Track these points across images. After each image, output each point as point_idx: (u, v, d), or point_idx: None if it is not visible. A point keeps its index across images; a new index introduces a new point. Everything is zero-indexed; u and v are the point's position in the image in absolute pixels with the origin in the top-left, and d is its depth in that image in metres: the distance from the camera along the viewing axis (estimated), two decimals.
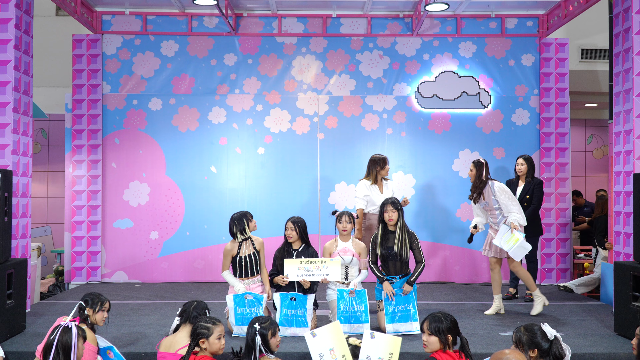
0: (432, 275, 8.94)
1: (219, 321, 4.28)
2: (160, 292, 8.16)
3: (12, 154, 6.36)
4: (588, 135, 12.15)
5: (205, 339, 4.15)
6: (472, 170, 6.71)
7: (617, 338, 5.64)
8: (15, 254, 6.39)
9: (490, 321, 6.31)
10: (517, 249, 6.26)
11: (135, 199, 8.94)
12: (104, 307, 4.69)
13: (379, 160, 6.98)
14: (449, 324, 3.98)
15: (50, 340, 3.78)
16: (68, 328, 3.82)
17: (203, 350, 4.16)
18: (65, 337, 3.75)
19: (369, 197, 6.91)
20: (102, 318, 4.67)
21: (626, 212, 6.53)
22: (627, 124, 6.54)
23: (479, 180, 6.65)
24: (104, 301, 4.70)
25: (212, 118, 9.01)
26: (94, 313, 4.63)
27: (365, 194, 6.92)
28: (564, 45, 9.00)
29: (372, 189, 6.94)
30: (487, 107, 9.03)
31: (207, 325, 4.19)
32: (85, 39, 8.94)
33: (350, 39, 9.09)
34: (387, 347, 4.24)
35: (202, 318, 4.30)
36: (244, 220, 5.96)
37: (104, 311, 4.70)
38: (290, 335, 5.62)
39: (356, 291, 5.74)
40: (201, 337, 4.15)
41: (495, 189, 6.52)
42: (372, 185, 6.95)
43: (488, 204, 6.64)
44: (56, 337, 3.73)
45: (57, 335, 3.74)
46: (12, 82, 6.37)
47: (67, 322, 3.82)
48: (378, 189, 6.94)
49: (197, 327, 4.19)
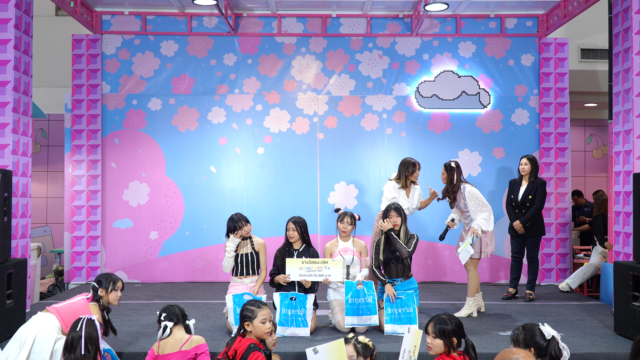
0: (431, 276, 8.94)
1: (265, 304, 4.32)
2: (160, 292, 8.16)
3: (11, 154, 6.36)
4: (588, 135, 12.15)
5: (250, 321, 4.21)
6: (443, 173, 6.70)
7: (616, 338, 5.64)
8: (15, 254, 6.40)
9: (490, 321, 6.31)
10: (463, 252, 6.40)
11: (135, 199, 8.94)
12: (117, 287, 4.73)
13: (409, 164, 6.84)
14: (454, 327, 3.95)
15: (76, 334, 3.91)
16: (91, 320, 3.94)
17: (249, 333, 4.22)
18: (90, 329, 3.91)
19: (395, 200, 6.83)
20: (116, 297, 4.72)
21: (626, 212, 6.53)
22: (626, 124, 6.54)
23: (450, 184, 6.64)
24: (116, 280, 4.75)
25: (211, 118, 9.01)
26: (107, 293, 4.67)
27: (393, 196, 6.80)
28: (563, 45, 9.00)
29: (399, 192, 6.85)
30: (486, 107, 9.03)
31: (251, 308, 4.24)
32: (84, 39, 8.94)
33: (349, 39, 9.09)
34: (413, 341, 4.24)
35: (248, 301, 4.34)
36: (232, 224, 5.96)
37: (117, 290, 4.74)
38: (290, 335, 5.62)
39: (364, 282, 5.76)
40: (246, 320, 4.20)
41: (466, 194, 6.51)
42: (400, 189, 6.86)
43: (459, 207, 6.66)
44: (82, 331, 3.87)
45: (84, 329, 3.88)
46: (12, 82, 6.37)
47: (88, 316, 3.97)
48: (405, 193, 6.87)
49: (243, 310, 4.24)
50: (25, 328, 4.32)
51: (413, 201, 6.87)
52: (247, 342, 4.17)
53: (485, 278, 8.86)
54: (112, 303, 4.72)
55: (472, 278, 6.57)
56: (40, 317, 4.40)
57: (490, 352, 5.07)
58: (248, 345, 4.12)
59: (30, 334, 4.26)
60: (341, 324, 5.76)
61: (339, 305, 5.89)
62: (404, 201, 6.78)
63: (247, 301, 4.39)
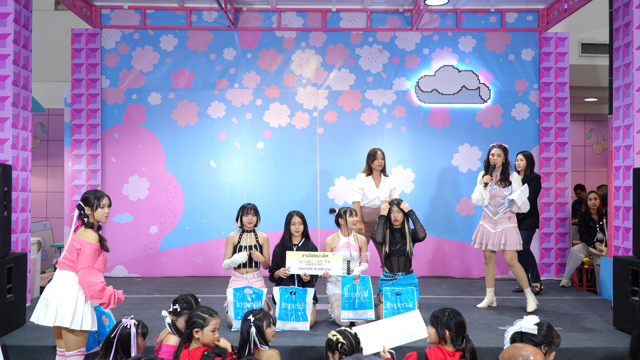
0: (431, 270, 8.95)
1: (217, 313, 4.29)
2: (160, 286, 8.17)
3: (11, 149, 6.36)
4: (588, 130, 12.14)
5: (200, 328, 4.15)
6: (500, 155, 6.50)
7: (616, 332, 5.65)
8: (15, 249, 6.41)
9: (489, 315, 6.32)
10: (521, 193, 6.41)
11: (135, 194, 8.95)
12: (102, 203, 4.47)
13: (370, 153, 7.09)
14: (448, 318, 3.99)
15: (110, 338, 4.05)
16: (127, 327, 4.07)
17: (196, 341, 4.16)
18: (124, 334, 4.05)
19: (363, 190, 6.97)
20: (103, 214, 4.47)
21: (626, 207, 6.53)
22: (627, 119, 6.54)
23: (506, 165, 6.55)
24: (100, 197, 4.49)
25: (211, 112, 9.00)
26: (93, 211, 4.45)
27: (359, 186, 7.02)
28: (564, 40, 8.99)
29: (367, 182, 7.00)
30: (486, 102, 9.02)
31: (204, 315, 4.18)
32: (84, 33, 8.93)
33: (349, 34, 9.08)
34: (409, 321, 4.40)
35: (200, 307, 4.29)
36: (240, 211, 6.00)
37: (104, 207, 4.48)
38: (290, 329, 5.63)
39: (360, 277, 5.78)
40: (196, 326, 4.14)
41: (515, 178, 6.57)
42: (367, 178, 7.01)
43: (497, 190, 6.51)
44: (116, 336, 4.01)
45: (117, 333, 4.02)
46: (11, 77, 6.37)
47: (127, 322, 4.07)
48: (374, 182, 6.97)
49: (194, 316, 4.18)
50: (50, 288, 4.37)
51: (384, 192, 6.94)
52: (199, 351, 4.11)
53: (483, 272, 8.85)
54: (100, 220, 4.51)
55: (520, 270, 6.54)
56: (58, 276, 4.39)
57: (489, 347, 5.09)
58: (202, 353, 4.06)
59: (53, 295, 4.32)
60: (340, 318, 5.77)
61: (338, 300, 5.89)
62: (373, 191, 6.92)
63: (199, 308, 4.28)
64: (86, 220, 4.41)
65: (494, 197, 6.52)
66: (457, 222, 8.97)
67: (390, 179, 7.10)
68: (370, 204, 6.94)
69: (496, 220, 6.53)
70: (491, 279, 6.75)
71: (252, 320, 4.24)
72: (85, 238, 4.29)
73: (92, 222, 4.44)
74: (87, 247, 4.26)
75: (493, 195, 6.52)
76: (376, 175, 7.02)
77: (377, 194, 6.92)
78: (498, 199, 6.50)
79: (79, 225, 4.42)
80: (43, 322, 4.32)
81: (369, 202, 6.95)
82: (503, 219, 6.50)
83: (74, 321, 4.25)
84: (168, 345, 4.42)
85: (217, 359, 4.06)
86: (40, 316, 4.35)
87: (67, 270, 4.35)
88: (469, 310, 6.60)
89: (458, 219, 8.96)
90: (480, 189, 6.51)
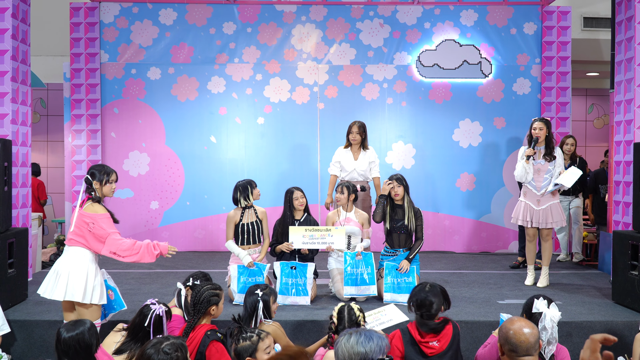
0: (431, 245, 8.98)
1: (221, 288, 4.35)
2: (161, 261, 8.20)
3: (11, 124, 6.34)
4: (589, 105, 12.10)
5: (216, 305, 4.22)
6: (542, 128, 6.34)
7: (614, 306, 5.69)
8: (16, 224, 6.42)
9: (489, 290, 6.36)
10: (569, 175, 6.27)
11: (135, 169, 8.95)
12: (111, 179, 4.63)
13: (349, 126, 6.99)
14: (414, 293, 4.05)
15: (139, 321, 4.05)
16: (159, 314, 4.08)
17: (207, 318, 4.20)
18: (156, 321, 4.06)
19: (340, 164, 6.95)
20: (110, 190, 4.63)
21: (626, 182, 6.54)
22: (628, 93, 6.51)
23: (549, 139, 6.42)
24: (110, 172, 4.64)
25: (211, 88, 8.96)
26: (101, 186, 4.57)
27: (336, 159, 7.02)
28: (566, 14, 8.91)
29: (345, 155, 6.97)
30: (488, 77, 8.97)
31: (216, 292, 4.24)
32: (82, 6, 8.84)
33: (350, 7, 8.99)
34: None
35: (205, 284, 4.31)
36: (249, 188, 5.95)
37: (112, 182, 4.63)
38: (290, 303, 5.67)
39: (362, 254, 5.80)
40: (212, 303, 4.18)
41: (558, 151, 6.46)
42: (346, 151, 6.99)
43: (543, 165, 6.37)
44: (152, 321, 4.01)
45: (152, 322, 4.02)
46: (10, 51, 6.32)
47: (159, 309, 4.07)
48: (352, 155, 6.95)
49: (209, 295, 4.19)
50: (60, 262, 4.43)
51: (362, 165, 6.90)
52: (202, 329, 4.07)
53: (484, 247, 8.91)
54: (107, 195, 4.63)
55: (551, 247, 6.51)
56: (68, 252, 4.44)
57: (488, 320, 5.13)
58: (205, 333, 4.02)
59: (63, 269, 4.38)
60: (341, 292, 5.80)
61: (340, 274, 5.93)
62: (351, 163, 6.90)
63: (204, 284, 4.30)
64: (93, 194, 4.47)
65: (537, 171, 6.36)
66: (457, 198, 8.97)
67: (369, 152, 6.99)
68: (348, 176, 6.91)
69: (539, 196, 6.39)
70: (532, 255, 6.65)
71: (261, 294, 4.30)
72: (94, 212, 4.38)
73: (99, 197, 4.52)
74: (100, 219, 4.34)
75: (537, 169, 6.37)
76: (355, 149, 6.96)
77: (354, 167, 6.89)
78: (542, 173, 6.36)
79: (85, 200, 4.45)
80: (52, 295, 4.37)
81: (347, 174, 6.92)
82: (547, 195, 6.39)
83: (85, 295, 4.34)
84: (176, 315, 4.47)
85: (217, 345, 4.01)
86: (48, 289, 4.41)
87: (77, 247, 4.39)
88: (468, 285, 6.64)
89: (458, 194, 8.97)
90: (523, 163, 6.34)
